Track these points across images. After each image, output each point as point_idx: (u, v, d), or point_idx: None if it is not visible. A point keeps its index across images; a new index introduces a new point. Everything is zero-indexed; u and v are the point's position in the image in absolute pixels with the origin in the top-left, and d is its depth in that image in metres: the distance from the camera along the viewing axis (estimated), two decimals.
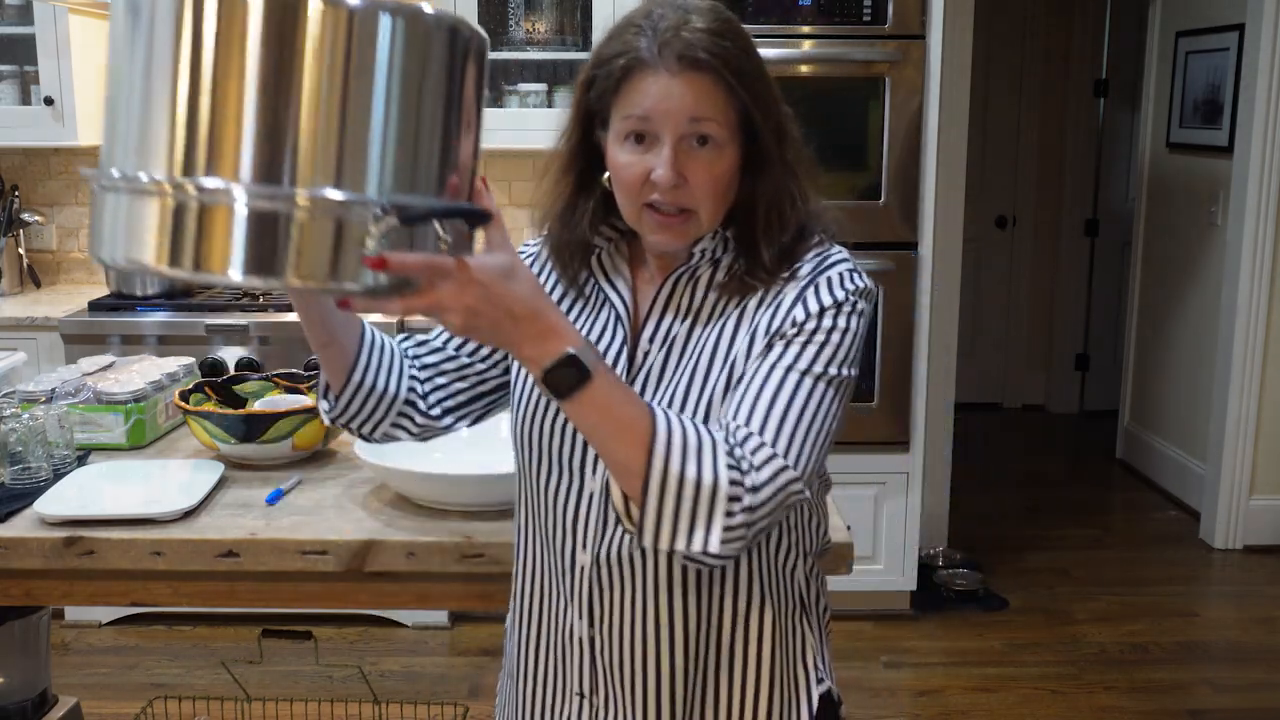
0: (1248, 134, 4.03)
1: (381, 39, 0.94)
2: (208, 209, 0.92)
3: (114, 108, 0.97)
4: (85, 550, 1.57)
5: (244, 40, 0.91)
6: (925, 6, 3.26)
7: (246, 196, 0.91)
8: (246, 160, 0.92)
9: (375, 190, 0.95)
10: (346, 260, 0.94)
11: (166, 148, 0.93)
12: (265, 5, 0.91)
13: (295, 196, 0.92)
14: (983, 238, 5.77)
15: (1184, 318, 4.65)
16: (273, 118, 0.92)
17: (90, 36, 3.58)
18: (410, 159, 0.97)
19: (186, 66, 0.92)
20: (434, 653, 3.35)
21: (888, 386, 3.41)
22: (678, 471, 1.06)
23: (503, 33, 3.51)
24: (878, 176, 3.31)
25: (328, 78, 0.92)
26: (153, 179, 0.93)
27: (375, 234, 0.94)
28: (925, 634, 3.53)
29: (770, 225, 1.21)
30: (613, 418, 1.06)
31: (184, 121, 0.92)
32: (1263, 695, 3.17)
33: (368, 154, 0.95)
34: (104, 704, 2.95)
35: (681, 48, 1.14)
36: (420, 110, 0.97)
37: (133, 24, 0.95)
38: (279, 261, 0.93)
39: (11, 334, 3.27)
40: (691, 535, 1.07)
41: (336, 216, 0.93)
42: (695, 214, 1.19)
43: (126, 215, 0.95)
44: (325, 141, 0.93)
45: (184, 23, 0.92)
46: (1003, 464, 5.20)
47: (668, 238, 1.20)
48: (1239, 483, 4.18)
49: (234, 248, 0.92)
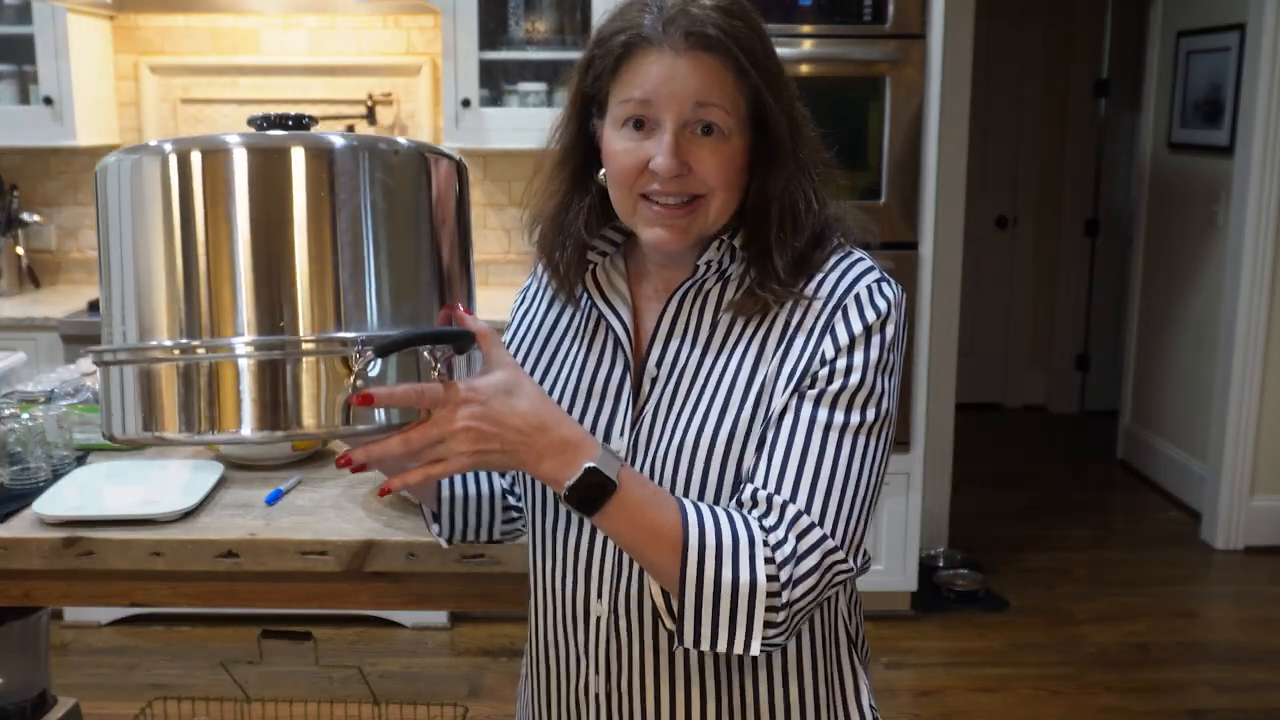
0: (1249, 134, 4.03)
1: (364, 177, 0.96)
2: (215, 368, 0.94)
3: (109, 281, 0.99)
4: (85, 550, 1.57)
5: (231, 197, 0.94)
6: (925, 6, 3.25)
7: (249, 349, 0.93)
8: (245, 315, 0.93)
9: (375, 326, 0.96)
10: (338, 402, 0.95)
11: (166, 314, 0.95)
12: (250, 159, 0.94)
13: (298, 343, 0.93)
14: (983, 238, 5.76)
15: (1184, 318, 4.65)
16: (266, 270, 0.93)
17: (90, 36, 3.58)
18: (400, 291, 0.98)
19: (178, 231, 0.94)
20: (434, 653, 3.35)
21: None
22: (713, 576, 1.00)
23: (503, 33, 3.51)
24: (878, 176, 3.31)
25: (314, 223, 0.94)
26: (157, 346, 0.95)
27: (356, 371, 0.94)
28: (926, 634, 3.53)
29: (784, 228, 1.10)
30: (642, 526, 1.00)
31: (182, 287, 0.94)
32: (1263, 695, 3.17)
33: (363, 292, 0.96)
34: (104, 704, 2.95)
35: (688, 24, 1.04)
36: (406, 241, 0.99)
37: (119, 196, 0.97)
38: (289, 413, 0.94)
39: (11, 334, 3.27)
40: (732, 638, 1.01)
41: (327, 359, 0.95)
42: (703, 201, 1.08)
43: (135, 388, 0.96)
44: (319, 286, 0.94)
45: (170, 186, 0.94)
46: (1003, 464, 5.20)
47: (667, 235, 1.09)
48: (1240, 483, 4.17)
49: (244, 404, 0.94)
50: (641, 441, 1.12)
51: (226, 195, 0.93)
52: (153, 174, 0.95)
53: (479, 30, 3.40)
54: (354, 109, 3.72)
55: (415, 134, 3.73)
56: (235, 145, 0.94)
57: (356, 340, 0.94)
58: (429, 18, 3.65)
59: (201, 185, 0.94)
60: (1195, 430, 4.50)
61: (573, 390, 1.19)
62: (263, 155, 0.95)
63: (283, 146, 0.95)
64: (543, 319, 1.25)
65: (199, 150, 0.95)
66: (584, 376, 1.18)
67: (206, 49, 3.72)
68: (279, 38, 3.71)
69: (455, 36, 3.39)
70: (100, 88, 3.64)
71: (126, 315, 0.97)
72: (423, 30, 3.70)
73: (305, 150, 0.95)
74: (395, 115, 3.73)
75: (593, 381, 1.18)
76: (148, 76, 3.72)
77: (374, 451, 0.97)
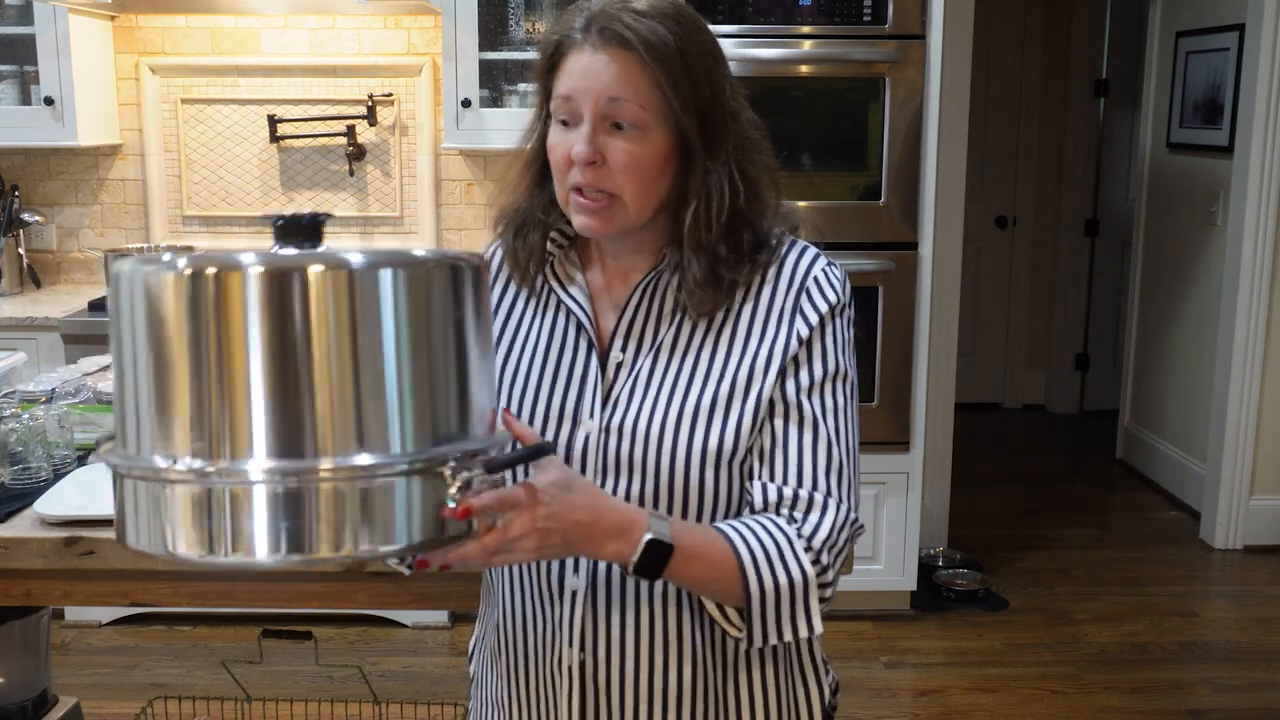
0: (1248, 134, 4.03)
1: (385, 295, 0.94)
2: (235, 494, 0.91)
3: (124, 393, 0.96)
4: (85, 550, 1.57)
5: (245, 316, 0.90)
6: (925, 6, 3.25)
7: (274, 477, 0.91)
8: (268, 439, 0.91)
9: (398, 446, 0.94)
10: (422, 517, 0.95)
11: (184, 435, 0.92)
12: (264, 277, 0.90)
13: (329, 467, 0.91)
14: (983, 238, 5.77)
15: (1184, 318, 4.65)
16: (291, 391, 0.91)
17: (91, 37, 3.58)
18: (430, 405, 0.97)
19: (189, 349, 0.91)
20: (434, 653, 3.35)
21: (888, 386, 3.40)
22: (772, 586, 1.11)
23: (503, 33, 3.51)
24: (878, 176, 3.31)
25: (335, 343, 0.91)
26: (174, 467, 0.92)
27: (457, 485, 0.96)
28: (925, 634, 3.53)
29: (697, 224, 1.16)
30: (702, 568, 1.10)
31: (197, 406, 0.91)
32: (1263, 695, 3.17)
33: (387, 411, 0.94)
34: (104, 704, 2.95)
35: (605, 22, 1.12)
36: (434, 355, 0.97)
37: (132, 309, 0.94)
38: (346, 534, 0.93)
39: (11, 334, 3.27)
40: (795, 628, 1.13)
41: (417, 478, 0.94)
42: (618, 199, 1.15)
43: (152, 504, 0.94)
44: (343, 406, 0.92)
45: (184, 306, 0.91)
46: (1003, 464, 5.20)
47: (591, 222, 1.16)
48: (1239, 483, 4.18)
49: (270, 528, 0.92)
50: (614, 422, 1.18)
51: (241, 312, 0.91)
52: (166, 292, 0.92)
53: (479, 30, 3.40)
54: (354, 109, 3.72)
55: (415, 134, 3.74)
56: (250, 265, 0.91)
57: (451, 457, 0.95)
58: (429, 18, 3.66)
59: (215, 308, 0.90)
60: (1194, 430, 4.51)
61: (539, 372, 1.24)
62: (279, 277, 0.91)
63: (299, 266, 0.91)
64: (499, 299, 1.31)
65: (215, 268, 0.91)
66: (549, 359, 1.24)
67: (207, 49, 3.72)
68: (279, 38, 3.72)
69: (456, 36, 3.39)
70: (101, 88, 3.64)
71: (141, 424, 0.94)
72: (423, 30, 3.70)
73: (325, 270, 0.92)
74: (395, 115, 3.74)
75: (558, 364, 1.24)
76: (148, 76, 3.72)
77: (455, 558, 1.01)
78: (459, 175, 3.79)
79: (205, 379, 0.91)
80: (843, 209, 3.31)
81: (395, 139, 3.76)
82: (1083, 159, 5.82)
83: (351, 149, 3.72)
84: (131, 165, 3.80)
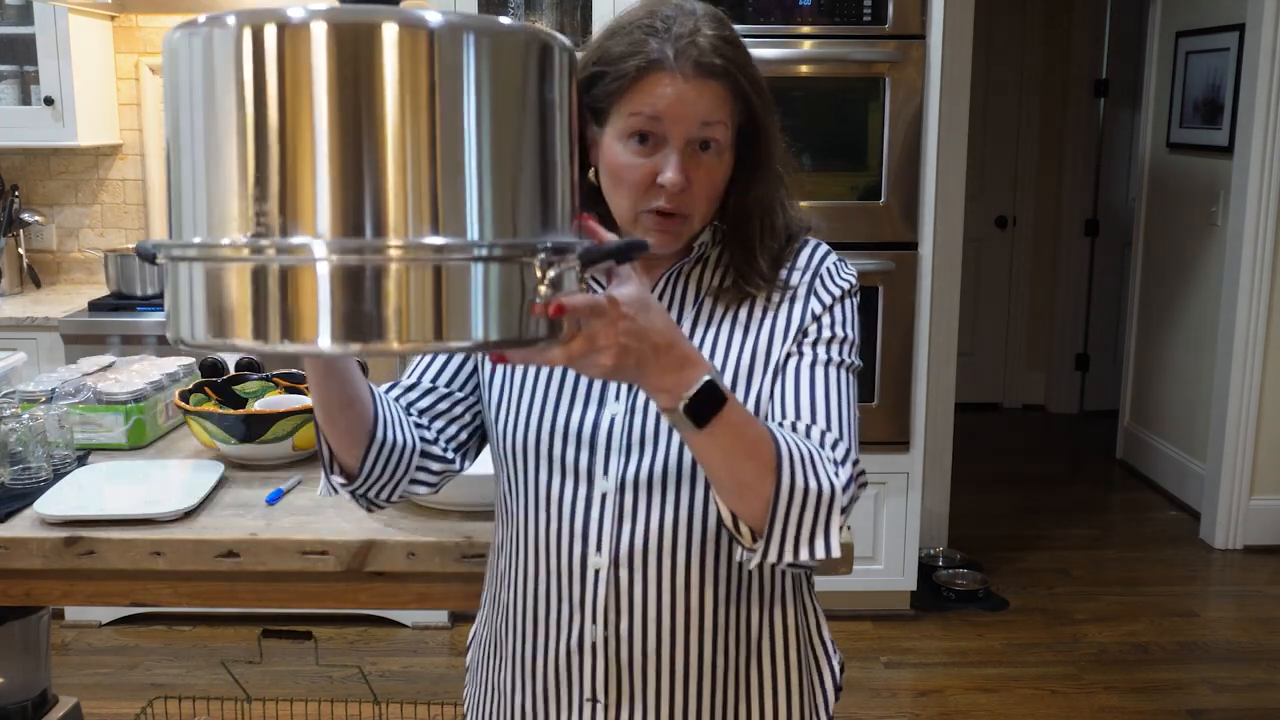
0: (1248, 134, 4.03)
1: (467, 62, 0.84)
2: (295, 272, 0.82)
3: (178, 172, 0.88)
4: (85, 550, 1.57)
5: (309, 77, 0.81)
6: (925, 6, 3.26)
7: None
8: (332, 213, 0.82)
9: (475, 233, 0.85)
10: (500, 311, 0.86)
11: (243, 210, 0.83)
12: (331, 34, 0.81)
13: (400, 244, 0.82)
14: (983, 238, 5.77)
15: (1184, 318, 4.65)
16: (358, 162, 0.82)
17: (91, 37, 3.58)
18: (513, 191, 0.87)
19: (251, 114, 0.82)
20: (434, 653, 3.35)
21: (888, 386, 3.41)
22: (802, 485, 1.07)
23: None
24: (878, 176, 3.31)
25: (410, 110, 0.83)
26: (228, 243, 0.83)
27: (548, 279, 0.88)
28: (925, 634, 3.53)
29: (764, 233, 1.24)
30: (744, 440, 1.06)
31: (258, 177, 0.82)
32: (1263, 695, 3.17)
33: (464, 190, 0.85)
34: (104, 704, 2.95)
35: (698, 54, 1.15)
36: (519, 137, 0.88)
37: (188, 75, 0.86)
38: (448, 320, 0.84)
39: (11, 334, 3.27)
40: (813, 545, 1.09)
41: (501, 265, 0.86)
42: (690, 218, 1.20)
43: (207, 287, 0.85)
44: (416, 180, 0.83)
45: (244, 65, 0.82)
46: (1003, 464, 5.20)
47: (666, 240, 1.21)
48: (1239, 483, 4.18)
49: (333, 312, 0.82)
50: (639, 402, 1.22)
51: (306, 75, 0.81)
52: (223, 50, 0.83)
53: None
54: None
55: None
56: (316, 20, 0.81)
57: (543, 246, 0.87)
58: None
59: (278, 68, 0.81)
60: (1194, 430, 4.51)
61: None
62: (349, 32, 0.81)
63: (371, 22, 0.81)
64: None
65: (274, 24, 0.81)
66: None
67: None
68: None
69: None
70: (101, 88, 3.64)
71: (197, 205, 0.85)
72: None
73: (401, 28, 0.82)
74: None
75: None
76: (148, 76, 3.72)
77: (534, 359, 0.97)
78: None
79: (266, 148, 0.82)
80: (843, 209, 3.31)
81: None
82: (1083, 159, 5.82)
83: None
84: (131, 165, 3.80)
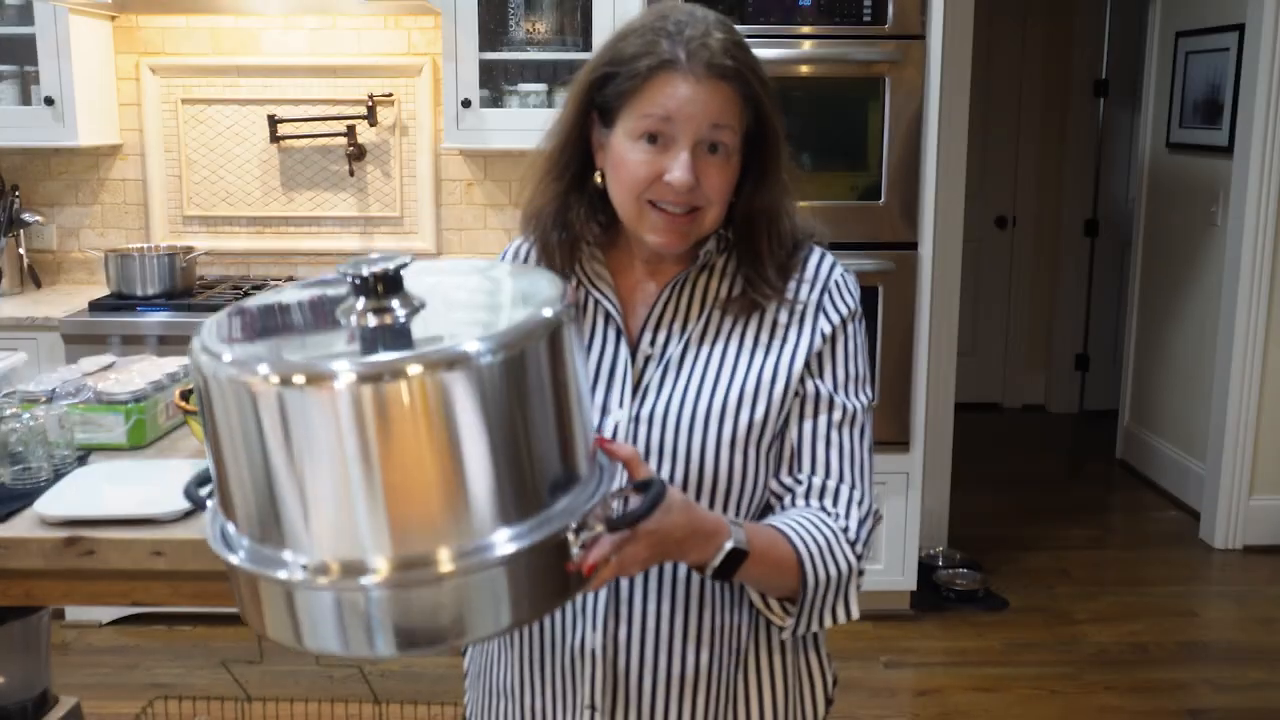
0: (1248, 134, 4.03)
1: (486, 386, 0.89)
2: (356, 601, 0.91)
3: (228, 480, 0.95)
4: (85, 550, 1.57)
5: (338, 431, 0.87)
6: (925, 6, 3.26)
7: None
8: (385, 546, 0.89)
9: (509, 525, 0.93)
10: (541, 586, 0.96)
11: (292, 534, 0.91)
12: (358, 389, 0.86)
13: (449, 568, 0.90)
14: (983, 238, 5.76)
15: (1184, 318, 4.65)
16: (403, 497, 0.89)
17: (91, 37, 3.58)
18: (534, 474, 0.95)
19: (291, 464, 0.89)
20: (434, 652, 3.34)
21: (888, 386, 3.41)
22: (825, 578, 1.19)
23: (503, 33, 3.51)
24: (878, 176, 3.31)
25: (438, 444, 0.89)
26: (293, 577, 0.92)
27: (579, 543, 0.98)
28: (925, 634, 3.53)
29: (772, 237, 1.25)
30: (769, 567, 1.16)
31: (315, 516, 0.90)
32: (1263, 695, 3.17)
33: (496, 494, 0.92)
34: (104, 704, 2.95)
35: (709, 56, 1.17)
36: (537, 428, 0.94)
37: (225, 412, 0.91)
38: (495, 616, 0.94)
39: (11, 334, 3.27)
40: (835, 615, 1.22)
41: (538, 549, 0.94)
42: (702, 213, 1.21)
43: (283, 601, 0.95)
44: (453, 502, 0.90)
45: (278, 419, 0.88)
46: (1003, 464, 5.20)
47: (671, 238, 1.21)
48: (1239, 483, 4.18)
49: (394, 628, 0.92)
50: (643, 412, 1.23)
51: (351, 429, 0.87)
52: (261, 401, 0.88)
53: (479, 30, 3.40)
54: (354, 109, 3.72)
55: (415, 134, 3.74)
56: (344, 374, 0.86)
57: (571, 523, 0.95)
58: (429, 18, 3.66)
59: (311, 422, 0.87)
60: (1194, 430, 4.51)
61: None
62: (378, 388, 0.86)
63: (398, 370, 0.86)
64: None
65: (303, 375, 0.87)
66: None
67: (207, 49, 3.72)
68: (280, 38, 3.72)
69: (456, 37, 3.39)
70: (101, 88, 3.64)
71: (252, 516, 0.94)
72: (423, 30, 3.70)
73: (425, 373, 0.87)
74: (395, 115, 3.74)
75: (587, 355, 1.28)
76: (148, 77, 3.72)
77: (572, 596, 1.05)
78: (459, 175, 3.79)
79: (315, 487, 0.89)
80: (843, 209, 3.31)
81: (395, 139, 3.76)
82: (1083, 159, 5.82)
83: (352, 149, 3.72)
84: (132, 165, 3.80)
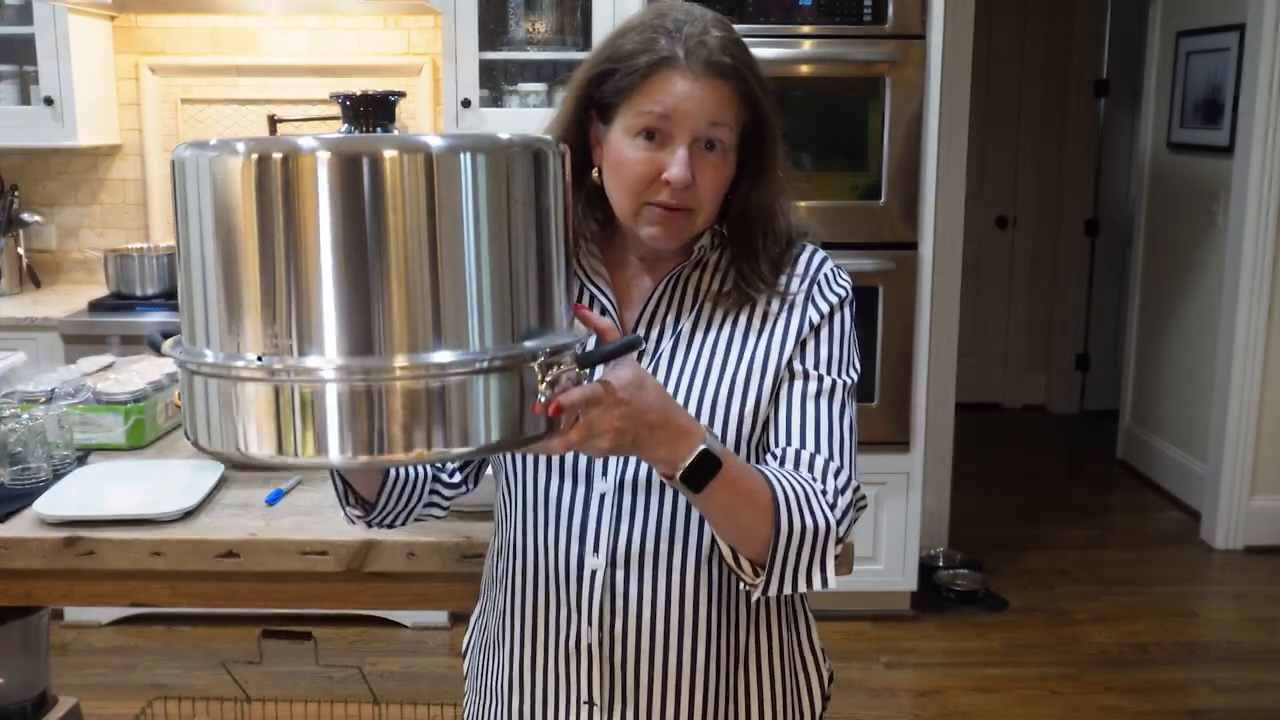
0: (1248, 134, 4.03)
1: (464, 181, 0.88)
2: (306, 393, 0.87)
3: (188, 282, 0.92)
4: (85, 550, 1.57)
5: (315, 204, 0.85)
6: (925, 6, 3.25)
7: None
8: (340, 335, 0.86)
9: (477, 344, 0.90)
10: (501, 416, 0.92)
11: (255, 330, 0.87)
12: (334, 162, 0.85)
13: (404, 365, 0.87)
14: (983, 238, 5.76)
15: (1184, 318, 4.65)
16: (363, 285, 0.86)
17: (91, 37, 3.58)
18: (511, 299, 0.92)
19: (259, 241, 0.86)
20: (434, 653, 3.35)
21: (888, 386, 3.40)
22: (799, 527, 1.14)
23: (503, 33, 3.51)
24: (878, 176, 3.31)
25: (411, 233, 0.86)
26: (243, 365, 0.88)
27: (547, 381, 0.93)
28: (925, 634, 3.53)
29: (767, 235, 1.26)
30: (741, 494, 1.11)
31: (267, 301, 0.86)
32: (1263, 695, 3.17)
33: (466, 305, 0.89)
34: (104, 704, 2.95)
35: (707, 54, 1.17)
36: (516, 247, 0.92)
37: (196, 195, 0.90)
38: (441, 431, 0.89)
39: (11, 334, 3.27)
40: (810, 578, 1.16)
41: (500, 374, 0.90)
42: (694, 213, 1.21)
43: (223, 403, 0.90)
44: (419, 300, 0.87)
45: (251, 193, 0.86)
46: (1003, 464, 5.20)
47: (667, 234, 1.21)
48: (1239, 483, 4.18)
49: (342, 429, 0.88)
50: None
51: (312, 202, 0.85)
52: (231, 179, 0.87)
53: (479, 30, 3.40)
54: None
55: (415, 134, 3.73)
56: (318, 148, 0.85)
57: (540, 353, 0.92)
58: (429, 18, 3.66)
59: (284, 196, 0.85)
60: (1195, 430, 4.50)
61: None
62: (350, 161, 0.85)
63: (372, 150, 0.86)
64: None
65: (280, 152, 0.86)
66: None
67: (207, 49, 3.72)
68: (279, 38, 3.72)
69: (456, 37, 3.39)
70: (101, 88, 3.64)
71: (210, 319, 0.90)
72: (423, 30, 3.70)
73: (400, 153, 0.86)
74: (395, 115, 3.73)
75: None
76: (148, 77, 3.72)
77: (534, 450, 1.06)
78: None
79: (274, 272, 0.86)
80: (843, 209, 3.31)
81: None
82: (1083, 159, 5.81)
83: None
84: (131, 165, 3.80)
